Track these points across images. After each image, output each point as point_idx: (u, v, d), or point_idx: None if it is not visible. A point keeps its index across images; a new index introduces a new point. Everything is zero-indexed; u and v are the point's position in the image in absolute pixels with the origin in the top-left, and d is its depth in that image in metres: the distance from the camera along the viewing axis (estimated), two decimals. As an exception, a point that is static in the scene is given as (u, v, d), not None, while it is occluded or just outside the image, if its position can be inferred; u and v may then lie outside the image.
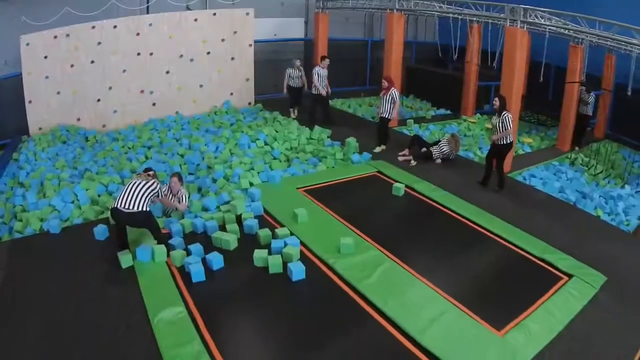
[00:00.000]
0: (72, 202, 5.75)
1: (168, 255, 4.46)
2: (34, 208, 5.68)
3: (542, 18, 6.87)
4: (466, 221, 5.57)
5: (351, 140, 7.58)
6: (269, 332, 3.70)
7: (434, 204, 5.97)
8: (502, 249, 5.07)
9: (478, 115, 10.83)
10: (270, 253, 4.49)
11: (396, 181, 6.43)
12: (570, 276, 4.61)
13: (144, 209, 4.34)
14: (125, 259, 4.36)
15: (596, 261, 4.85)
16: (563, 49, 9.17)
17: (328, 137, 8.22)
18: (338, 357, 3.44)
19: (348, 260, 4.48)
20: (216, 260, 4.33)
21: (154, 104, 9.42)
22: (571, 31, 7.28)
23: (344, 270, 4.33)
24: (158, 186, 4.58)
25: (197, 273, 4.14)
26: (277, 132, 8.19)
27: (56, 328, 3.61)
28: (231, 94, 10.26)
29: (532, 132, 10.50)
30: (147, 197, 4.40)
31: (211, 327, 3.62)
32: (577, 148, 9.22)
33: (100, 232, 4.87)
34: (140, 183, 4.46)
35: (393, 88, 7.49)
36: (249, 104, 10.52)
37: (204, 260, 4.37)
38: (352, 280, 4.19)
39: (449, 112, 11.11)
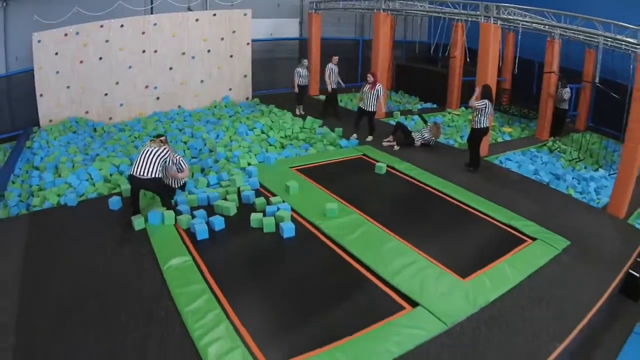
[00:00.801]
0: (87, 180, 6.33)
1: (176, 220, 5.06)
2: (51, 186, 6.22)
3: (513, 14, 7.53)
4: (440, 194, 6.20)
5: (337, 131, 8.39)
6: (262, 276, 4.32)
7: (412, 180, 6.60)
8: (471, 216, 5.69)
9: (462, 108, 11.47)
10: (264, 216, 5.11)
11: (379, 162, 7.05)
12: (534, 239, 5.13)
13: (156, 176, 4.94)
14: (138, 222, 4.96)
15: (562, 229, 5.33)
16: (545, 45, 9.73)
17: (319, 126, 8.85)
18: (322, 296, 4.04)
19: (332, 222, 5.12)
20: (218, 222, 4.96)
21: (157, 98, 10.03)
22: (543, 26, 7.93)
23: (329, 230, 4.97)
24: (169, 153, 5.12)
25: (202, 231, 4.76)
26: (272, 122, 8.81)
27: (77, 278, 4.17)
28: (230, 89, 10.89)
29: (514, 124, 11.10)
30: (158, 164, 4.97)
31: (213, 272, 4.24)
32: (552, 138, 9.77)
33: (115, 202, 5.48)
34: (152, 151, 5.00)
35: (378, 83, 8.10)
36: (247, 98, 11.15)
37: (207, 223, 4.98)
38: (335, 237, 4.83)
39: (435, 105, 11.76)
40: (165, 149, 5.10)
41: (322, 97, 10.34)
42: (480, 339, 3.63)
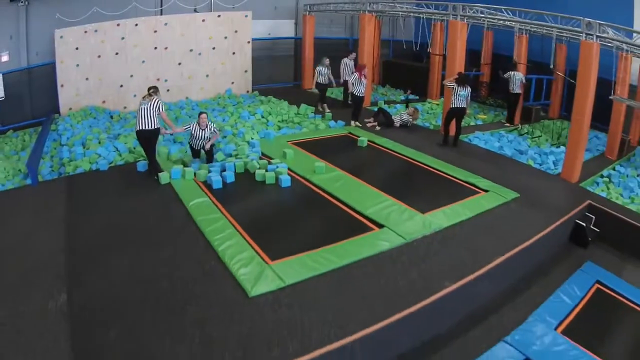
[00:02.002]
0: (114, 151, 7.43)
1: (194, 174, 6.20)
2: (81, 157, 7.17)
3: (479, 12, 8.78)
4: (411, 160, 7.40)
5: (327, 115, 9.63)
6: (265, 209, 5.54)
7: (389, 151, 7.82)
8: (435, 175, 6.86)
9: (442, 98, 12.66)
10: (267, 172, 6.31)
11: (361, 137, 8.24)
12: (486, 191, 6.20)
13: (157, 126, 6.02)
14: (164, 177, 6.10)
15: (515, 186, 6.22)
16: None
17: (312, 112, 10.04)
18: (312, 221, 5.25)
19: (320, 176, 6.35)
20: (229, 175, 6.16)
21: (167, 90, 11.09)
22: (505, 21, 9.18)
23: (317, 181, 6.20)
24: (160, 101, 6.02)
25: (217, 181, 5.93)
26: (271, 109, 9.99)
27: (115, 217, 5.18)
28: (232, 83, 12.03)
29: (489, 112, 12.29)
30: (156, 115, 5.96)
31: (227, 207, 5.39)
32: (508, 124, 10.80)
33: (142, 165, 6.61)
34: (148, 106, 5.93)
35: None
36: (247, 91, 12.31)
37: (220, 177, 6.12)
38: (322, 186, 6.06)
39: (417, 97, 12.99)
40: (156, 99, 5.98)
41: (316, 90, 11.47)
42: (432, 250, 4.72)
